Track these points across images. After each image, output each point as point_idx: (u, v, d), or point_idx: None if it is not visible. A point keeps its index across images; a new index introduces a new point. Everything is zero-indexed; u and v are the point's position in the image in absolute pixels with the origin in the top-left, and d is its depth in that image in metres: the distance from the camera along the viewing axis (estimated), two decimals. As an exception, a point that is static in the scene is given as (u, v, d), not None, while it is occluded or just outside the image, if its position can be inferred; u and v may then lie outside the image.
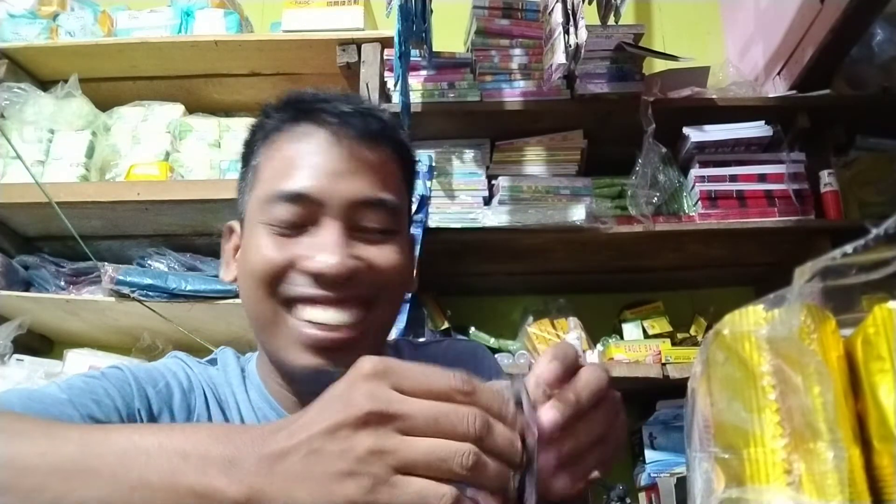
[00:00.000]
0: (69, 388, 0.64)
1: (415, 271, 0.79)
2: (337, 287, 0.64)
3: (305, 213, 0.66)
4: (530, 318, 1.79)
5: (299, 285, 0.65)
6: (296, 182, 0.66)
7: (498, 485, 0.41)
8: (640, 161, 1.65)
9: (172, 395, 0.70)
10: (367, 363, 0.42)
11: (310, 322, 0.64)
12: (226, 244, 0.77)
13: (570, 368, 0.48)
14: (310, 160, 0.67)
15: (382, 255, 0.68)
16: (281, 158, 0.69)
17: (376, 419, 0.40)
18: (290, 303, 0.65)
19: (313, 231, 0.66)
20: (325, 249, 0.64)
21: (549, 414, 0.46)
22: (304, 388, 0.68)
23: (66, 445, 0.45)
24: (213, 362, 0.78)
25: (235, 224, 0.76)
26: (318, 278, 0.64)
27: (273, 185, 0.67)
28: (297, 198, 0.66)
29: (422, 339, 1.38)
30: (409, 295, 1.49)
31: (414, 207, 1.08)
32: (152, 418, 0.67)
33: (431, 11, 1.58)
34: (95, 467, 0.43)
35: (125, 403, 0.65)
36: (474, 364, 0.83)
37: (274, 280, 0.65)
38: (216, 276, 1.68)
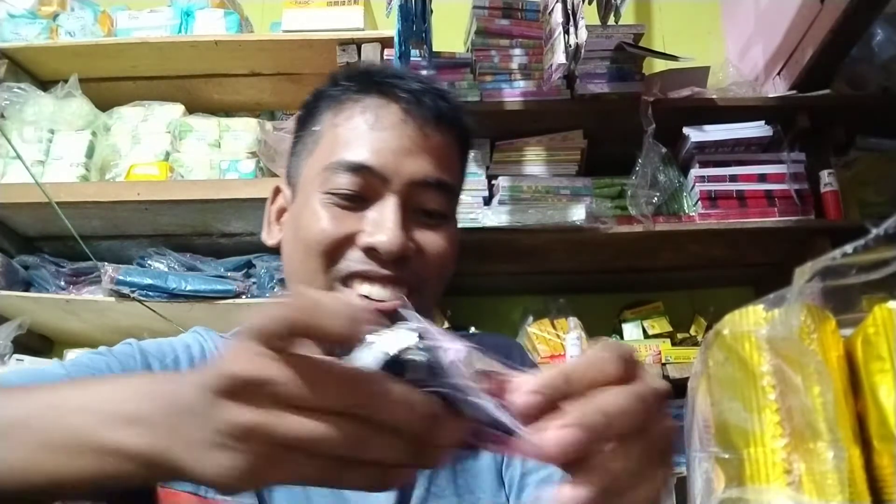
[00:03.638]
0: (73, 364, 0.65)
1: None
2: (388, 265, 0.63)
3: (367, 186, 0.65)
4: (530, 318, 1.79)
5: (354, 261, 0.64)
6: (361, 153, 0.65)
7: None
8: (640, 161, 1.65)
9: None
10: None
11: (365, 297, 0.63)
12: (270, 205, 0.76)
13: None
14: (378, 134, 0.66)
15: (434, 241, 0.67)
16: (348, 128, 0.67)
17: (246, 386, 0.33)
18: (346, 280, 0.64)
19: (372, 206, 0.65)
20: (383, 225, 0.63)
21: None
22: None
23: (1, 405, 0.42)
24: None
25: (284, 186, 0.75)
26: (372, 253, 0.63)
27: (337, 153, 0.66)
28: (360, 169, 0.65)
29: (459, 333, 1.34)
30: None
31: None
32: None
33: (431, 11, 1.58)
34: (13, 425, 0.41)
35: None
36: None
37: (330, 254, 0.64)
38: (216, 276, 1.68)
